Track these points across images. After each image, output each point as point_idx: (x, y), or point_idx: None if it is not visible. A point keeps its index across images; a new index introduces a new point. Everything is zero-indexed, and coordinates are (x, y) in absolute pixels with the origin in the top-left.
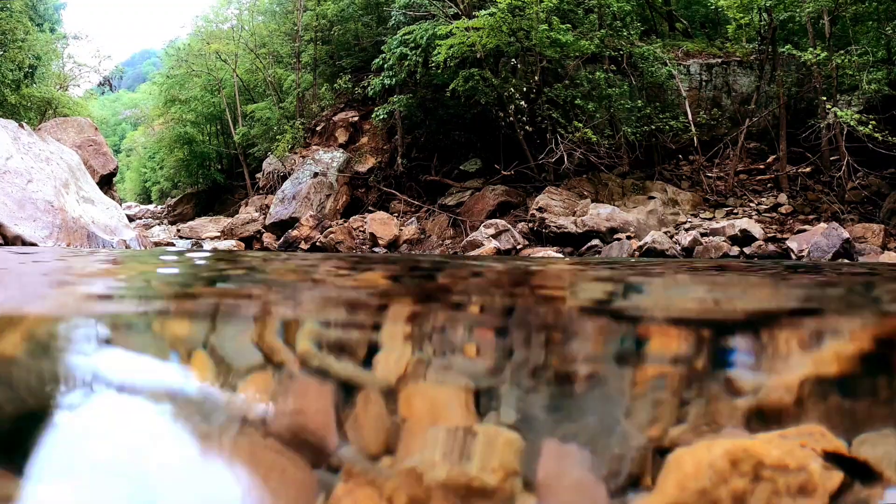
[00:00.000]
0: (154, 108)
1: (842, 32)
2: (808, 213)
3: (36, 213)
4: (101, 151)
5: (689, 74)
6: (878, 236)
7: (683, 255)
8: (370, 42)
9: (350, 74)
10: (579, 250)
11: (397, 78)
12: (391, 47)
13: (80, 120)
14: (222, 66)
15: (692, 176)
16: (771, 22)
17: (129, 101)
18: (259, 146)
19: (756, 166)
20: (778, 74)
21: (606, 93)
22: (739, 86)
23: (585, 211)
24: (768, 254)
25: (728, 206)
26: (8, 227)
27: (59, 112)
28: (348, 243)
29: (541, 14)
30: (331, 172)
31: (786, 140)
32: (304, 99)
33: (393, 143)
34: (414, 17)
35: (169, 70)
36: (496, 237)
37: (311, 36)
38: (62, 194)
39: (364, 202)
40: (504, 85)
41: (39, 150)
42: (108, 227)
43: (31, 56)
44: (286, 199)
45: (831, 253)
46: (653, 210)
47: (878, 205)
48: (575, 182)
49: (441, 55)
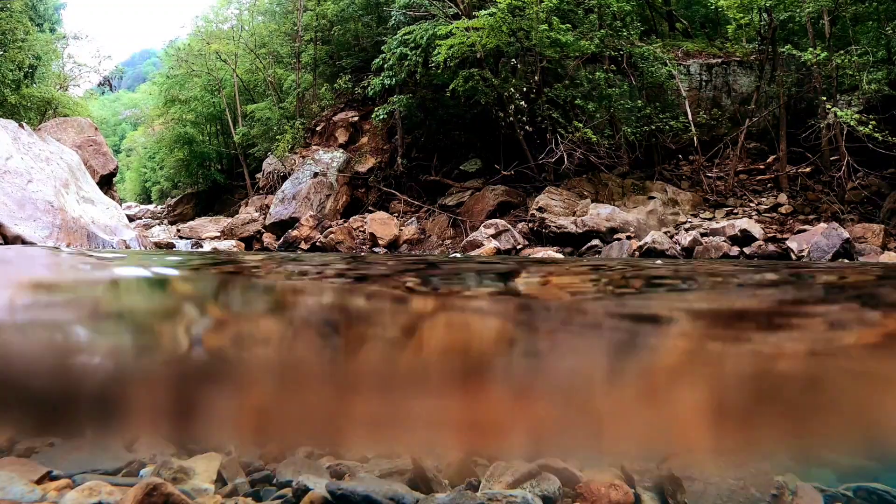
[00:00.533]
0: (154, 108)
1: (842, 32)
2: (808, 213)
3: (36, 213)
4: (101, 151)
5: (689, 74)
6: (878, 236)
7: (683, 255)
8: (370, 42)
9: (350, 74)
10: (579, 250)
11: (397, 78)
12: (391, 47)
13: (80, 120)
14: (222, 66)
15: (692, 176)
16: (771, 22)
17: (129, 101)
18: (259, 146)
19: (756, 166)
20: (778, 74)
21: (606, 93)
22: (739, 86)
23: (585, 211)
24: (768, 254)
25: (728, 206)
26: (8, 226)
27: (59, 112)
28: (348, 243)
29: (541, 14)
30: (331, 172)
31: (786, 140)
32: (304, 99)
33: (393, 143)
34: (414, 17)
35: (169, 70)
36: (496, 237)
37: (311, 36)
38: (62, 194)
39: (364, 202)
40: (504, 85)
41: (39, 150)
42: (108, 227)
43: (31, 56)
44: (286, 200)
45: (831, 253)
46: (653, 210)
47: (878, 205)
48: (575, 182)
49: (441, 55)
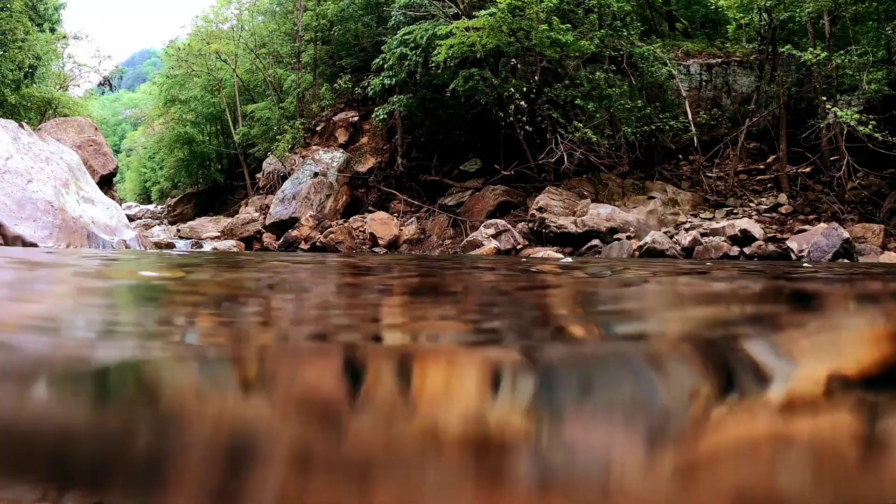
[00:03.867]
0: (154, 108)
1: (842, 32)
2: (808, 213)
3: (36, 214)
4: (101, 151)
5: (689, 74)
6: (878, 236)
7: (683, 255)
8: (370, 42)
9: (350, 74)
10: (579, 250)
11: (397, 78)
12: (391, 47)
13: (80, 120)
14: (222, 66)
15: (692, 176)
16: (771, 22)
17: (129, 101)
18: (259, 146)
19: (756, 166)
20: (778, 74)
21: (606, 93)
22: (739, 86)
23: (585, 211)
24: (768, 254)
25: (728, 206)
26: (8, 227)
27: (59, 112)
28: (348, 243)
29: (541, 14)
30: (331, 172)
31: (786, 140)
32: (304, 99)
33: (393, 143)
34: (414, 17)
35: (169, 70)
36: (496, 237)
37: (311, 36)
38: (62, 194)
39: (364, 202)
40: (504, 85)
41: (39, 150)
42: (108, 227)
43: (31, 56)
44: (286, 199)
45: (831, 253)
46: (653, 210)
47: (878, 205)
48: (575, 182)
49: (441, 55)
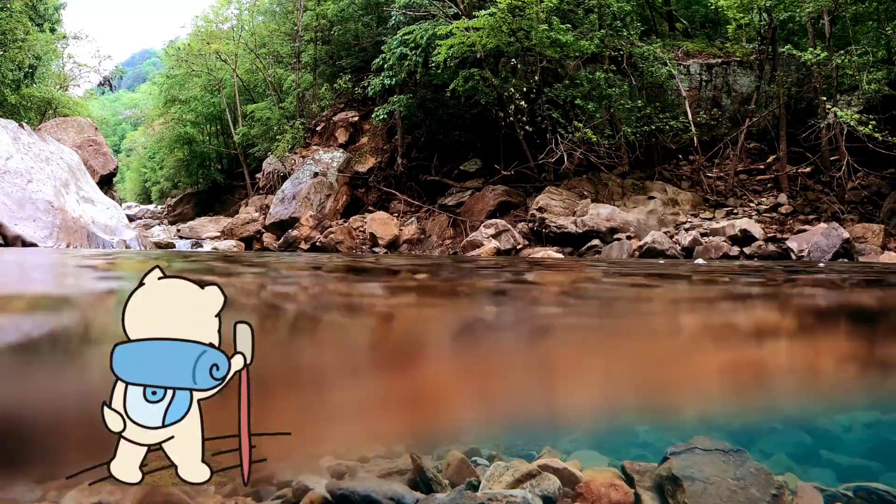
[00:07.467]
0: (154, 108)
1: (842, 32)
2: (808, 213)
3: (36, 213)
4: (101, 151)
5: (689, 74)
6: (878, 236)
7: (683, 255)
8: (370, 42)
9: (350, 74)
10: (579, 250)
11: (397, 78)
12: (391, 47)
13: (80, 120)
14: (222, 66)
15: (692, 176)
16: (771, 22)
17: (129, 101)
18: (259, 146)
19: (756, 166)
20: (778, 74)
21: (606, 93)
22: (739, 86)
23: (585, 211)
24: (768, 254)
25: (728, 206)
26: (8, 227)
27: (59, 112)
28: (348, 243)
29: (541, 14)
30: (331, 172)
31: (786, 140)
32: (304, 99)
33: (393, 143)
34: (414, 17)
35: (169, 70)
36: (496, 237)
37: (311, 36)
38: (62, 194)
39: (364, 202)
40: (504, 85)
41: (39, 150)
42: (108, 227)
43: (31, 56)
44: (286, 199)
45: (831, 253)
46: (653, 210)
47: (878, 205)
48: (575, 182)
49: (441, 55)
